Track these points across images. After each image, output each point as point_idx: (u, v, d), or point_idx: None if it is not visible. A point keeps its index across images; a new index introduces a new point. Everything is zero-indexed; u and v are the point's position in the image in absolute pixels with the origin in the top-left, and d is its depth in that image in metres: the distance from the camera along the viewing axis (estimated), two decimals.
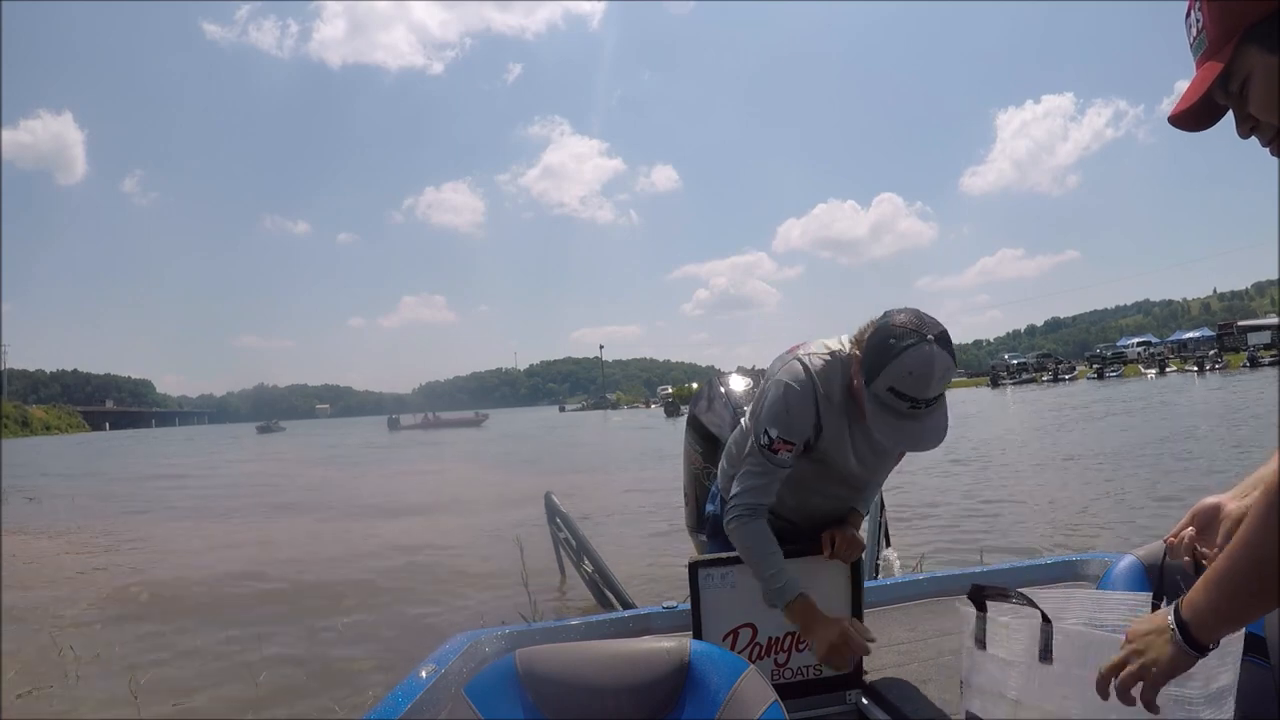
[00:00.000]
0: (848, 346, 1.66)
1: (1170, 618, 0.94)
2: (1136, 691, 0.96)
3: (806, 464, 1.75)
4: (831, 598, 1.95)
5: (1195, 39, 0.87)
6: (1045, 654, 1.12)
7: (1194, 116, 0.89)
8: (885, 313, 1.58)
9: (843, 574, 1.94)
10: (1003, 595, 1.19)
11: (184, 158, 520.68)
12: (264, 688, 4.33)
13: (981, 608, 1.25)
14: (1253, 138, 0.88)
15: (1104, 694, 0.98)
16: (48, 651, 5.08)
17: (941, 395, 1.52)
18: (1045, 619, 1.13)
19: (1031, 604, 1.16)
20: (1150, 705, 0.95)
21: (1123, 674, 0.96)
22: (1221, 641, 0.93)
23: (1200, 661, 0.93)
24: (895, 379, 1.47)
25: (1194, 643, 0.92)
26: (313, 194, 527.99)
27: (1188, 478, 9.52)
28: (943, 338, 1.49)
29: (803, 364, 1.66)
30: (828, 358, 1.66)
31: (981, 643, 1.23)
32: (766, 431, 1.66)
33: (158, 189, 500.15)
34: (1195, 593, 0.93)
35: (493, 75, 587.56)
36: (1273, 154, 0.88)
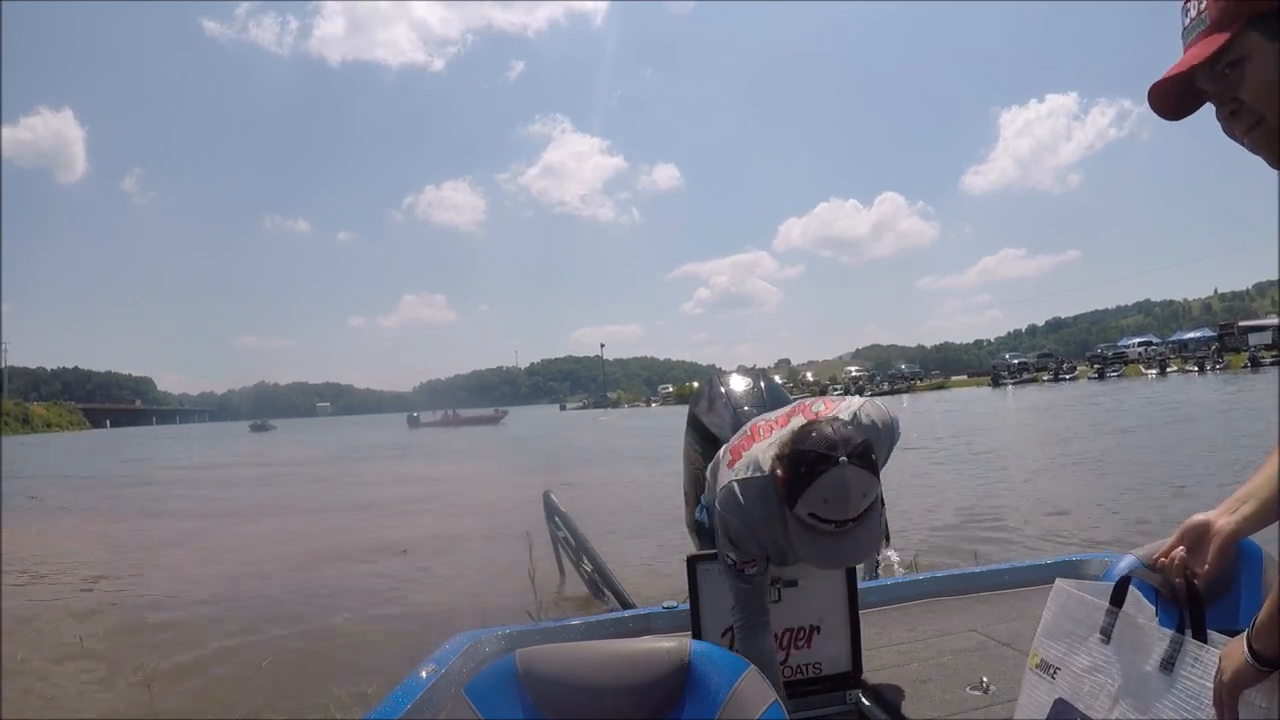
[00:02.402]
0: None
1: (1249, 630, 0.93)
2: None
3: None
4: (828, 596, 1.96)
5: (1193, 20, 0.90)
6: (1167, 664, 1.08)
7: (1173, 99, 0.92)
8: (802, 426, 1.52)
9: (838, 573, 1.95)
10: (1173, 592, 1.12)
11: (184, 156, 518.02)
12: (263, 687, 4.33)
13: (1120, 602, 1.18)
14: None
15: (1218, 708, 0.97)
16: (47, 651, 5.08)
17: (870, 507, 1.44)
18: (1180, 629, 1.09)
19: (1184, 609, 1.09)
20: (1220, 717, 0.95)
21: (1215, 687, 0.97)
22: None
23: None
24: (812, 505, 1.41)
25: (1258, 656, 0.91)
26: (313, 193, 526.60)
27: (1187, 477, 9.50)
28: (859, 453, 1.41)
29: (735, 489, 1.62)
30: (759, 476, 1.60)
31: (1108, 637, 1.17)
32: (727, 556, 1.67)
33: (157, 187, 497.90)
34: (1265, 608, 0.92)
35: (494, 73, 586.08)
36: (1250, 149, 0.90)
